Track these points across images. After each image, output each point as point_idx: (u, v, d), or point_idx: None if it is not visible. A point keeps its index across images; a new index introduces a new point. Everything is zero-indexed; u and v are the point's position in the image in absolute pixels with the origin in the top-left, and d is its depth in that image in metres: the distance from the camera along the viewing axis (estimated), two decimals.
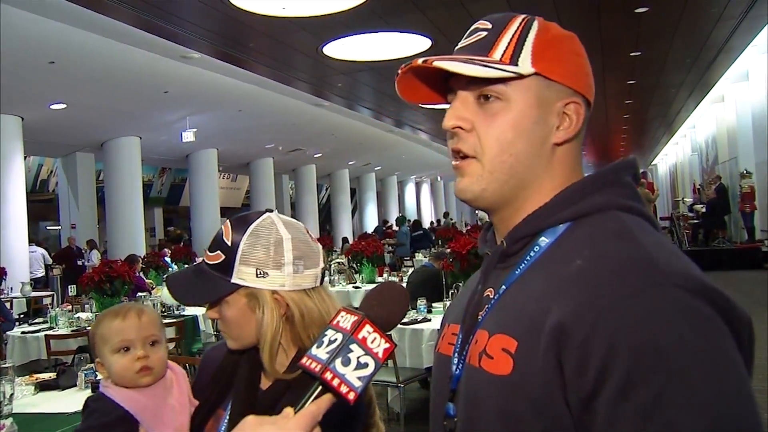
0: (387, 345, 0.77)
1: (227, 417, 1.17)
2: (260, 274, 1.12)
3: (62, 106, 10.82)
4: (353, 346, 0.76)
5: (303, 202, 22.02)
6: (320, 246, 1.21)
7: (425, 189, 34.55)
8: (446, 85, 0.86)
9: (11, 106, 10.39)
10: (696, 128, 20.29)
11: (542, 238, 0.81)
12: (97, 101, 10.86)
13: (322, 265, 1.19)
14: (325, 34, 8.53)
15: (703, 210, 14.73)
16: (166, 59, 9.30)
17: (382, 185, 28.98)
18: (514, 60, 0.81)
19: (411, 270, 8.81)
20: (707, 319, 0.66)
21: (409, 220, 18.43)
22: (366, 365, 0.75)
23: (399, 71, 0.85)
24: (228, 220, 1.18)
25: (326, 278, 1.30)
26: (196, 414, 1.23)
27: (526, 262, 0.80)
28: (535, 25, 0.84)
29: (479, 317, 0.82)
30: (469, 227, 15.88)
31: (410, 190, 32.57)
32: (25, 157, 12.47)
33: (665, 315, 0.65)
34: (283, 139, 16.69)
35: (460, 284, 4.84)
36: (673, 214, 17.25)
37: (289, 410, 0.75)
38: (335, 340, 0.77)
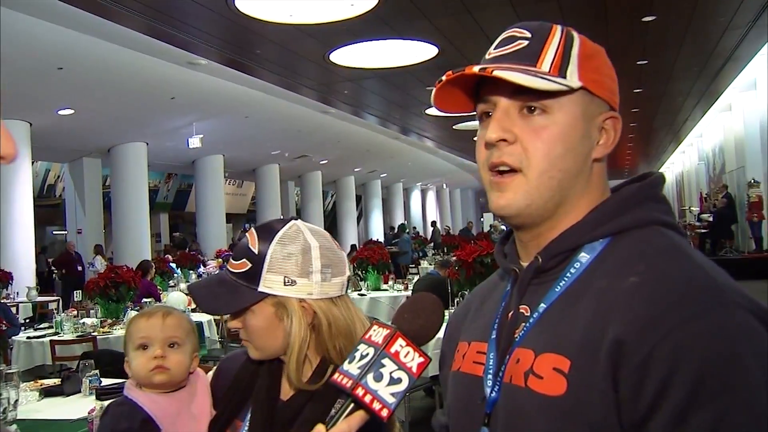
0: (421, 359, 0.74)
1: (246, 428, 1.15)
2: (288, 282, 1.10)
3: (70, 111, 10.87)
4: (385, 361, 0.73)
5: (308, 208, 22.05)
6: (344, 254, 1.19)
7: (431, 196, 34.52)
8: (476, 93, 0.83)
9: (19, 112, 10.44)
10: (703, 137, 20.21)
11: (582, 254, 0.78)
12: (104, 107, 10.91)
13: (347, 273, 1.17)
14: (332, 42, 8.54)
15: (710, 219, 14.64)
16: (173, 65, 9.33)
17: (388, 192, 28.98)
18: (562, 72, 0.78)
19: (416, 278, 8.80)
20: (766, 342, 0.65)
21: (392, 228, 18.36)
22: (399, 380, 0.72)
23: (444, 77, 0.80)
24: (252, 228, 1.16)
25: None
26: (212, 425, 1.22)
27: (566, 278, 0.77)
28: (576, 37, 0.82)
29: (515, 336, 0.78)
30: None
31: (416, 197, 32.54)
32: (32, 162, 12.52)
33: (732, 336, 0.64)
34: (289, 145, 16.72)
35: (466, 292, 4.82)
36: (680, 223, 17.16)
37: (320, 427, 0.73)
38: (367, 354, 0.74)
